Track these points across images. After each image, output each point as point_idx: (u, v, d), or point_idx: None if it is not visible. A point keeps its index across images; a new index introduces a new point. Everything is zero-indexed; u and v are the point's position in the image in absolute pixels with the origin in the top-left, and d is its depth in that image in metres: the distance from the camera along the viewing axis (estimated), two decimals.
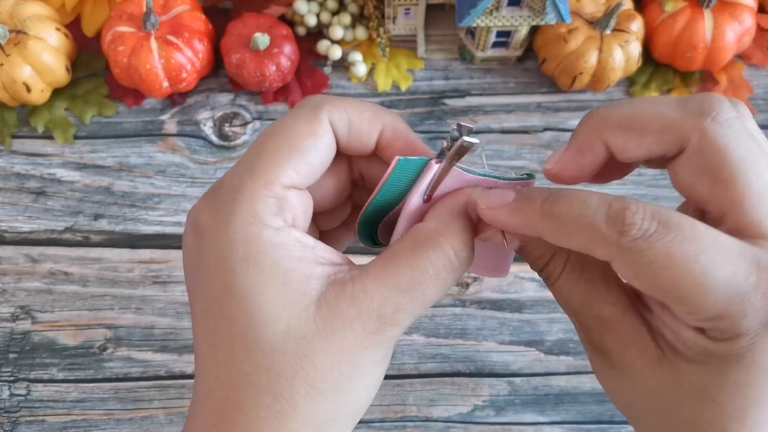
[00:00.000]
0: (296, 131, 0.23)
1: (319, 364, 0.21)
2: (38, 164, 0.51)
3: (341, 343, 0.21)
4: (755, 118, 0.52)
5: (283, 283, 0.21)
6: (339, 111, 0.24)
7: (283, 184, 0.22)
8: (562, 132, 0.52)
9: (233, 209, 0.21)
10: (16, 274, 0.48)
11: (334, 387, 0.21)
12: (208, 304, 0.22)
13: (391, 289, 0.22)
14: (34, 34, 0.49)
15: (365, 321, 0.21)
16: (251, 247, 0.21)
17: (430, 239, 0.22)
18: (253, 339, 0.21)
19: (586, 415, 0.44)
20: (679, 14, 0.50)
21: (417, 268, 0.22)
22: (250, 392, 0.21)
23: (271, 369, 0.21)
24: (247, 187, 0.22)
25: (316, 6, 0.54)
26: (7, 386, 0.45)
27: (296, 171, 0.22)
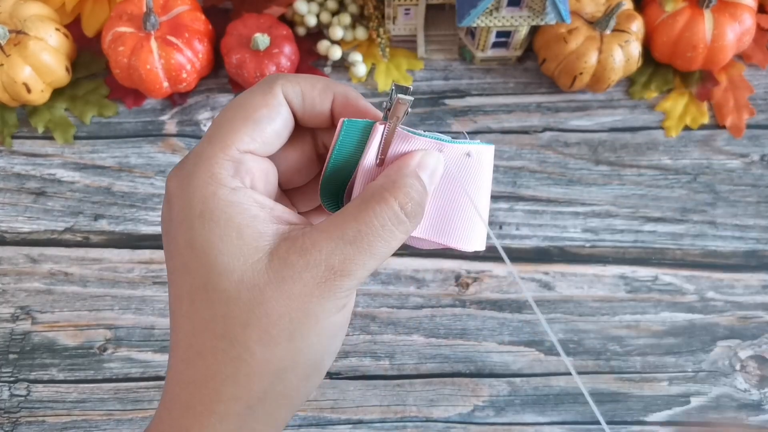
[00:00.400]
0: (251, 103, 0.25)
1: (271, 311, 0.22)
2: (38, 164, 0.51)
3: (291, 291, 0.23)
4: (755, 118, 0.52)
5: (237, 237, 0.23)
6: (292, 84, 0.25)
7: (238, 149, 0.24)
8: (562, 132, 0.52)
9: (193, 172, 0.23)
10: (16, 274, 0.48)
11: (287, 334, 0.23)
12: (174, 260, 0.24)
13: (338, 241, 0.23)
14: (34, 34, 0.49)
15: (314, 271, 0.23)
16: (207, 204, 0.23)
17: (376, 194, 0.24)
18: (211, 289, 0.23)
19: (586, 415, 0.44)
20: (679, 14, 0.50)
21: (362, 220, 0.23)
22: (209, 338, 0.23)
23: (227, 316, 0.22)
24: (206, 152, 0.24)
25: (316, 6, 0.54)
26: (8, 387, 0.45)
27: (251, 137, 0.24)
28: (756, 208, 0.49)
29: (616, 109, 0.53)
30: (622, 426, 0.44)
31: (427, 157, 0.26)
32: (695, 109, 0.52)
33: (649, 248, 0.48)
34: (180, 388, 0.24)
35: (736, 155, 0.51)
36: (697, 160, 0.51)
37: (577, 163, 0.51)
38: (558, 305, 0.47)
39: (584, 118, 0.53)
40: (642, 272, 0.48)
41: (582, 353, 0.46)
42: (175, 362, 0.24)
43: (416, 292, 0.47)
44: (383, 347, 0.46)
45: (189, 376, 0.23)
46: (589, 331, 0.46)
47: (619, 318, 0.46)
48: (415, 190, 0.25)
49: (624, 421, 0.44)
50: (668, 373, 0.45)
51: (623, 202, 0.49)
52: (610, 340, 0.46)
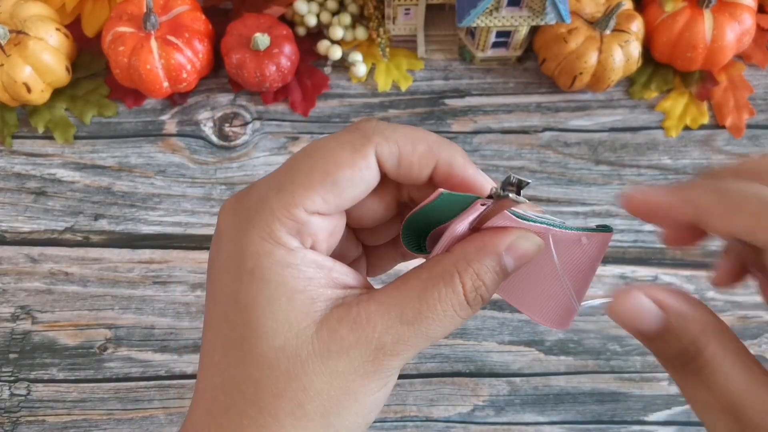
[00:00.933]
0: (336, 158, 0.21)
1: (309, 386, 0.21)
2: (38, 164, 0.51)
3: (335, 367, 0.21)
4: (755, 118, 0.52)
5: (287, 301, 0.21)
6: (389, 143, 0.22)
7: (306, 209, 0.21)
8: (562, 132, 0.52)
9: (252, 221, 0.21)
10: (16, 274, 0.48)
11: (322, 410, 0.21)
12: (215, 306, 0.22)
13: (395, 319, 0.21)
14: (34, 34, 0.49)
15: (363, 348, 0.21)
16: (260, 262, 0.21)
17: (445, 273, 0.21)
18: (248, 349, 0.21)
19: (586, 415, 0.44)
20: (679, 14, 0.50)
21: (425, 301, 0.21)
22: (237, 400, 0.21)
23: (259, 382, 0.21)
24: (271, 202, 0.21)
25: (316, 6, 0.54)
26: (8, 386, 0.45)
27: (324, 199, 0.21)
28: None
29: (616, 109, 0.53)
30: (622, 426, 0.44)
31: (521, 240, 0.22)
32: (695, 109, 0.52)
33: (649, 248, 0.48)
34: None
35: (736, 155, 0.51)
36: (697, 160, 0.51)
37: (578, 163, 0.51)
38: None
39: (584, 118, 0.53)
40: (642, 272, 0.48)
41: (582, 353, 0.46)
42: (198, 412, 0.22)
43: None
44: None
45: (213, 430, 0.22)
46: (589, 331, 0.46)
47: None
48: (491, 277, 0.22)
49: (624, 421, 0.44)
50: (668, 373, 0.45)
51: None
52: (610, 340, 0.46)
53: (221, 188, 0.50)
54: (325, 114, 0.53)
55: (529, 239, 0.22)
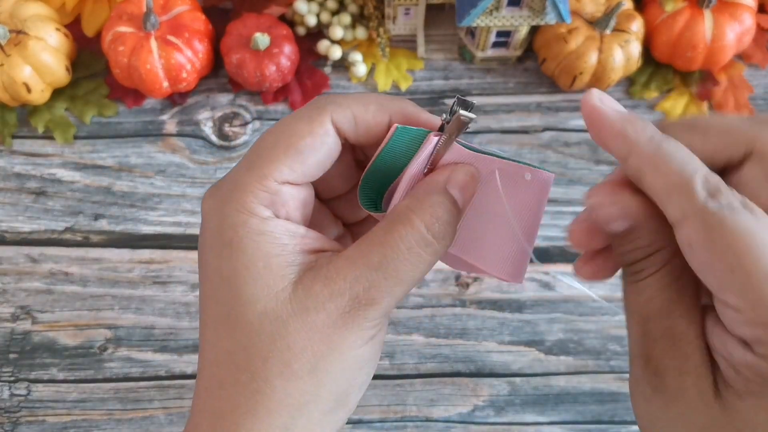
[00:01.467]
0: (295, 130, 0.23)
1: (293, 344, 0.22)
2: (38, 164, 0.51)
3: (314, 323, 0.22)
4: None
5: (264, 267, 0.22)
6: (342, 109, 0.24)
7: (276, 180, 0.23)
8: (562, 132, 0.52)
9: (227, 199, 0.23)
10: (16, 274, 0.48)
11: (309, 367, 0.22)
12: (204, 286, 0.24)
13: (362, 268, 0.22)
14: (34, 34, 0.49)
15: (338, 301, 0.22)
16: (237, 233, 0.22)
17: (401, 215, 0.23)
18: (234, 319, 0.22)
19: (586, 415, 0.44)
20: (679, 14, 0.50)
21: (387, 244, 0.22)
22: (230, 370, 0.22)
23: (248, 348, 0.22)
24: (242, 179, 0.23)
25: (316, 6, 0.54)
26: (8, 386, 0.45)
27: (291, 168, 0.23)
28: None
29: None
30: (622, 426, 0.44)
31: (457, 171, 0.24)
32: (695, 109, 0.52)
33: None
34: (201, 417, 0.23)
35: None
36: None
37: (578, 163, 0.51)
38: (558, 305, 0.47)
39: None
40: None
41: (582, 353, 0.46)
42: (199, 390, 0.23)
43: (416, 291, 0.47)
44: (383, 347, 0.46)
45: (211, 407, 0.23)
46: (589, 331, 0.46)
47: (619, 318, 0.46)
48: (444, 209, 0.23)
49: (624, 421, 0.44)
50: None
51: None
52: (610, 340, 0.46)
53: None
54: None
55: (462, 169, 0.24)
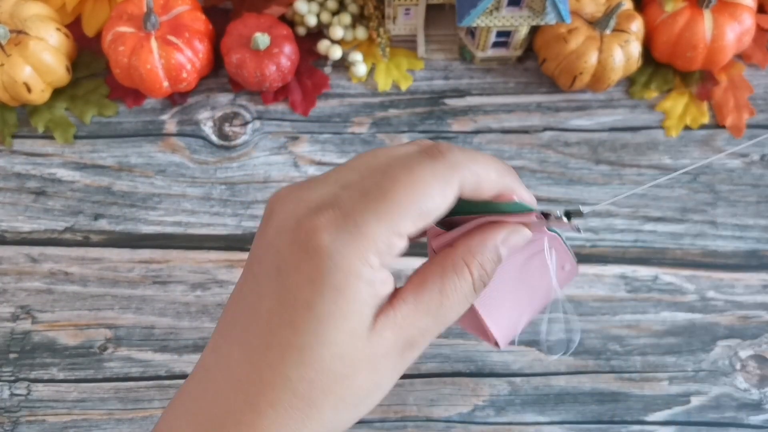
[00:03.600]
0: (428, 189, 0.23)
1: (355, 385, 0.24)
2: (38, 164, 0.51)
3: (378, 365, 0.24)
4: (755, 118, 0.52)
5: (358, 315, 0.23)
6: (471, 174, 0.25)
7: (401, 236, 0.23)
8: (562, 132, 0.52)
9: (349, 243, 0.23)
10: (16, 274, 0.48)
11: (356, 401, 0.24)
12: (282, 308, 0.23)
13: (423, 314, 0.24)
14: (34, 34, 0.49)
15: (399, 345, 0.24)
16: (347, 279, 0.23)
17: (456, 266, 0.25)
18: (308, 354, 0.23)
19: (586, 415, 0.44)
20: (679, 14, 0.50)
21: (445, 293, 0.24)
22: (287, 395, 0.23)
23: (313, 381, 0.23)
24: (371, 228, 0.23)
25: (316, 6, 0.54)
26: (8, 386, 0.45)
27: (416, 227, 0.24)
28: (756, 208, 0.49)
29: (616, 108, 0.53)
30: (622, 426, 0.44)
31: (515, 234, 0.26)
32: (695, 109, 0.52)
33: (649, 248, 0.48)
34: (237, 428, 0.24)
35: (737, 155, 0.51)
36: (697, 159, 0.51)
37: (578, 163, 0.51)
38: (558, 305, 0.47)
39: (584, 118, 0.53)
40: (642, 272, 0.48)
41: (582, 353, 0.45)
42: (233, 402, 0.24)
43: None
44: None
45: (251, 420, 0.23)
46: (590, 331, 0.46)
47: (619, 318, 0.46)
48: (490, 266, 0.25)
49: (624, 421, 0.44)
50: (668, 373, 0.45)
51: (623, 202, 0.49)
52: (610, 340, 0.46)
53: (221, 188, 0.50)
54: (326, 114, 0.53)
55: (521, 233, 0.26)
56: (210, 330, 0.46)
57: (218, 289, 0.47)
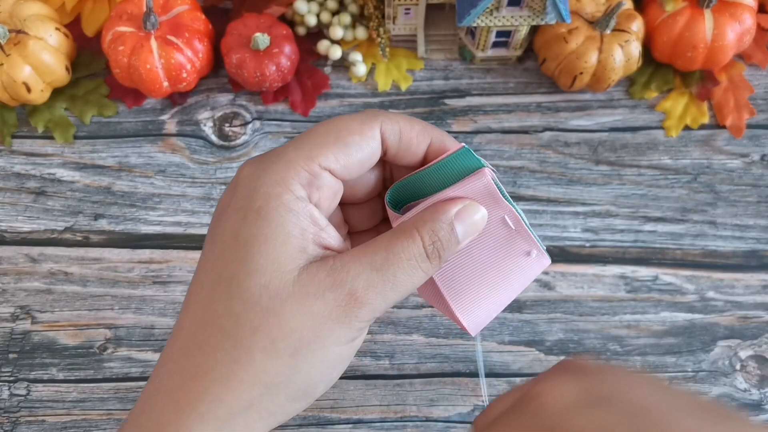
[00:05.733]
0: (347, 127, 0.25)
1: (284, 324, 0.22)
2: (38, 164, 0.51)
3: (310, 308, 0.23)
4: (755, 118, 0.52)
5: (282, 243, 0.23)
6: (392, 122, 0.26)
7: (320, 164, 0.24)
8: (562, 132, 0.52)
9: (268, 168, 0.24)
10: (16, 274, 0.48)
11: (292, 350, 0.23)
12: (214, 246, 0.24)
13: (365, 266, 0.23)
14: (34, 33, 0.49)
15: (337, 292, 0.23)
16: (268, 202, 0.23)
17: (407, 230, 0.25)
18: (235, 284, 0.23)
19: None
20: (679, 14, 0.50)
21: (391, 250, 0.24)
22: (215, 333, 0.23)
23: (240, 316, 0.22)
24: (289, 154, 0.24)
25: (316, 6, 0.54)
26: (7, 386, 0.45)
27: (336, 158, 0.25)
28: (756, 208, 0.49)
29: (616, 109, 0.53)
30: None
31: (470, 208, 0.26)
32: (695, 109, 0.52)
33: (649, 248, 0.48)
34: (169, 376, 0.23)
35: (737, 155, 0.51)
36: (697, 159, 0.51)
37: (578, 163, 0.51)
38: (558, 305, 0.47)
39: (584, 118, 0.53)
40: (642, 272, 0.48)
41: (582, 353, 0.45)
42: (173, 347, 0.24)
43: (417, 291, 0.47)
44: (383, 347, 0.46)
45: (182, 366, 0.23)
46: (589, 331, 0.46)
47: (619, 318, 0.46)
48: (443, 235, 0.25)
49: None
50: (668, 373, 0.45)
51: (623, 202, 0.49)
52: (610, 340, 0.46)
53: (221, 188, 0.50)
54: (326, 114, 0.53)
55: (476, 209, 0.26)
56: None
57: None
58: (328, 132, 0.25)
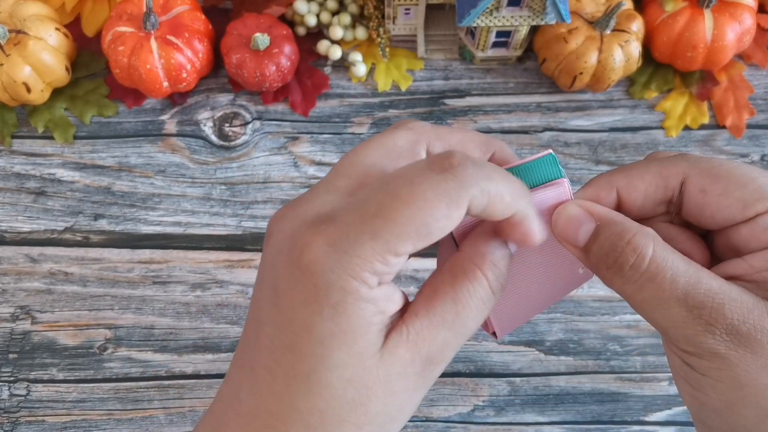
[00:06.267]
0: (434, 212, 0.21)
1: (372, 410, 0.22)
2: (38, 164, 0.51)
3: (393, 388, 0.22)
4: (755, 118, 0.52)
5: (362, 335, 0.21)
6: (482, 195, 0.22)
7: (398, 255, 0.21)
8: (562, 132, 0.52)
9: (347, 259, 0.21)
10: (16, 274, 0.48)
11: (376, 428, 0.22)
12: (281, 332, 0.22)
13: (439, 327, 0.22)
14: (34, 34, 0.49)
15: (417, 363, 0.22)
16: (346, 299, 0.21)
17: (468, 271, 0.23)
18: (315, 381, 0.21)
19: (586, 415, 0.44)
20: (679, 14, 0.50)
21: (459, 302, 0.22)
22: (299, 429, 0.22)
23: (325, 412, 0.21)
24: (366, 247, 0.21)
25: (316, 6, 0.54)
26: (7, 386, 0.45)
27: (415, 247, 0.21)
28: None
29: (616, 109, 0.53)
30: (622, 426, 0.44)
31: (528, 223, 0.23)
32: (695, 109, 0.52)
33: None
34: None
35: (737, 155, 0.51)
36: None
37: (578, 163, 0.51)
38: (558, 305, 0.47)
39: (584, 118, 0.53)
40: None
41: (582, 353, 0.45)
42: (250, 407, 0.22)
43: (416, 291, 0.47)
44: None
45: None
46: (589, 331, 0.46)
47: (619, 318, 0.46)
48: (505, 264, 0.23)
49: (624, 421, 0.44)
50: (668, 373, 0.45)
51: None
52: (610, 340, 0.46)
53: (221, 188, 0.50)
54: (325, 114, 0.53)
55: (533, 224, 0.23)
56: (209, 330, 0.46)
57: (218, 289, 0.47)
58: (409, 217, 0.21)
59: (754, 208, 0.22)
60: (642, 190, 0.25)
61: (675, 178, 0.25)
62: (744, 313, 0.22)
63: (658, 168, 0.25)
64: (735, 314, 0.22)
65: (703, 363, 0.23)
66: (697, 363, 0.23)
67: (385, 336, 0.22)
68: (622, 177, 0.25)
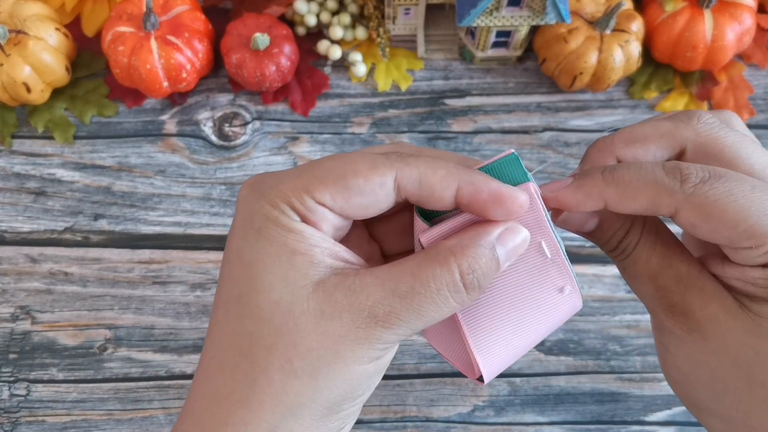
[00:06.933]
0: (354, 167, 0.23)
1: (300, 342, 0.22)
2: (38, 164, 0.51)
3: (326, 327, 0.22)
4: (755, 118, 0.52)
5: (288, 260, 0.22)
6: (410, 169, 0.23)
7: (314, 199, 0.23)
8: (562, 132, 0.52)
9: (266, 192, 0.23)
10: (16, 274, 0.48)
11: (310, 369, 0.22)
12: (223, 267, 0.24)
13: (389, 291, 0.22)
14: (34, 34, 0.49)
15: (355, 314, 0.22)
16: (267, 224, 0.23)
17: (441, 255, 0.22)
18: (245, 302, 0.22)
19: (586, 415, 0.44)
20: (679, 14, 0.50)
21: (419, 278, 0.22)
22: (232, 354, 0.22)
23: (252, 335, 0.22)
24: (287, 184, 0.23)
25: (316, 6, 0.54)
26: (7, 386, 0.45)
27: (332, 197, 0.23)
28: None
29: (616, 109, 0.53)
30: (622, 426, 0.44)
31: (515, 233, 0.24)
32: (695, 109, 0.52)
33: None
34: (195, 400, 0.23)
35: None
36: None
37: (577, 163, 0.51)
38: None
39: (584, 118, 0.53)
40: None
41: (582, 353, 0.46)
42: (199, 373, 0.24)
43: None
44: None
45: (206, 390, 0.23)
46: (589, 331, 0.46)
47: (619, 318, 0.46)
48: (484, 262, 0.23)
49: (624, 421, 0.44)
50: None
51: None
52: (610, 340, 0.46)
53: (221, 188, 0.50)
54: (325, 114, 0.53)
55: (519, 232, 0.24)
56: None
57: None
58: (333, 167, 0.23)
59: (740, 245, 0.23)
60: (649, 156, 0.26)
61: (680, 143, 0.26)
62: (703, 302, 0.24)
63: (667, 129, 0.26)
64: (695, 301, 0.24)
65: (664, 337, 0.26)
66: (660, 337, 0.27)
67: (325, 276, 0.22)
68: (626, 148, 0.26)
